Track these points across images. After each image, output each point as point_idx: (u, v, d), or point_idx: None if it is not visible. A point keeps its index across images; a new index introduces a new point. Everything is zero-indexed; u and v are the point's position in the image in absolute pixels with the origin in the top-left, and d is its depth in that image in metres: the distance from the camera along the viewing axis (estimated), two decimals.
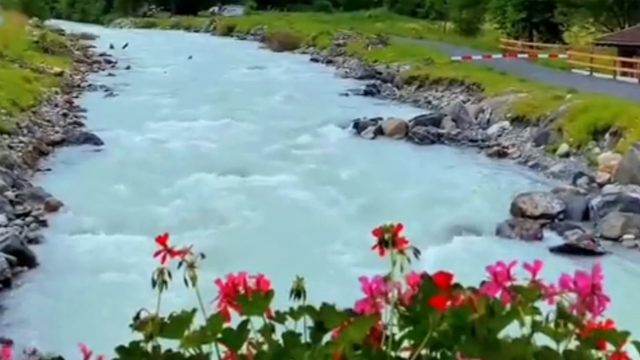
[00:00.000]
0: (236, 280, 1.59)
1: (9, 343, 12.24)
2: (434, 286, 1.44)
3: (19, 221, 17.94)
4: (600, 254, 16.75)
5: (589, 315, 1.44)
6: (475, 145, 28.14)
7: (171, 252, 1.62)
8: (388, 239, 1.57)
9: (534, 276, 1.50)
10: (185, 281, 1.57)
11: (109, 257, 16.04)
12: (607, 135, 24.07)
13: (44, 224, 18.18)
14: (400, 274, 1.61)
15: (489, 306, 1.39)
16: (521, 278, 1.53)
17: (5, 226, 17.19)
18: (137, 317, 1.51)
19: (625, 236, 17.64)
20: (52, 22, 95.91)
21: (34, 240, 16.96)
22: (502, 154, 26.62)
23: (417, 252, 1.67)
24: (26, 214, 18.46)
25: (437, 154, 26.94)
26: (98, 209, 19.07)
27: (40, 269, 15.61)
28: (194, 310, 1.53)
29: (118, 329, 1.70)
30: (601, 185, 21.53)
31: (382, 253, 1.61)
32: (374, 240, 1.61)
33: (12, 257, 15.23)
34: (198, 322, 1.52)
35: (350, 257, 15.62)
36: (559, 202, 19.49)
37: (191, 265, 1.59)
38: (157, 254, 1.61)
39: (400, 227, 1.65)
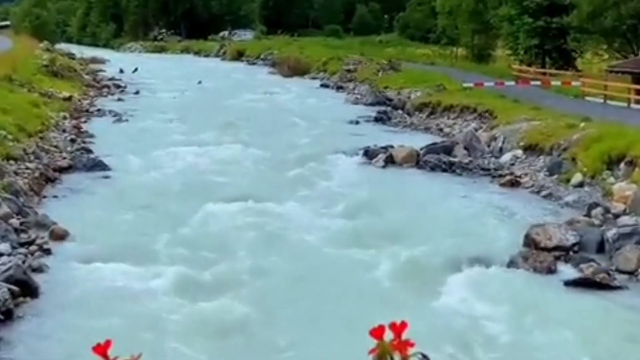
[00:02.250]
0: None
1: None
2: None
3: (22, 250, 17.60)
4: (616, 288, 16.36)
5: None
6: (487, 174, 27.67)
7: None
8: (387, 353, 1.22)
9: None
10: None
11: (113, 288, 15.75)
12: (622, 165, 23.64)
13: (48, 252, 17.85)
14: None
15: None
16: None
17: (9, 255, 16.85)
18: None
19: None
20: (63, 46, 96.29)
21: (38, 270, 16.63)
22: (514, 183, 26.13)
23: (424, 359, 1.34)
24: (30, 243, 18.10)
25: (448, 183, 26.54)
26: (104, 238, 18.81)
27: (43, 299, 15.28)
28: None
29: None
30: (616, 216, 21.04)
31: None
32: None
33: (14, 288, 14.88)
34: None
35: (361, 299, 15.30)
36: (573, 234, 19.01)
37: None
38: None
39: (404, 325, 1.32)
